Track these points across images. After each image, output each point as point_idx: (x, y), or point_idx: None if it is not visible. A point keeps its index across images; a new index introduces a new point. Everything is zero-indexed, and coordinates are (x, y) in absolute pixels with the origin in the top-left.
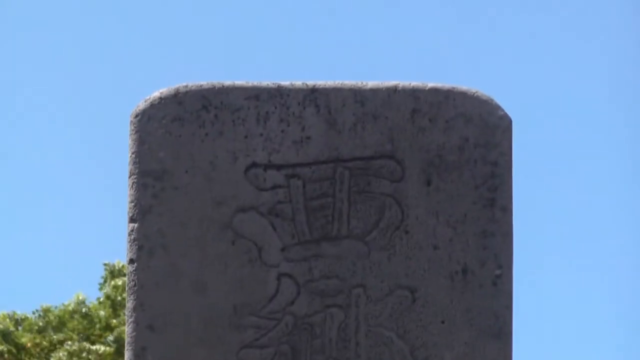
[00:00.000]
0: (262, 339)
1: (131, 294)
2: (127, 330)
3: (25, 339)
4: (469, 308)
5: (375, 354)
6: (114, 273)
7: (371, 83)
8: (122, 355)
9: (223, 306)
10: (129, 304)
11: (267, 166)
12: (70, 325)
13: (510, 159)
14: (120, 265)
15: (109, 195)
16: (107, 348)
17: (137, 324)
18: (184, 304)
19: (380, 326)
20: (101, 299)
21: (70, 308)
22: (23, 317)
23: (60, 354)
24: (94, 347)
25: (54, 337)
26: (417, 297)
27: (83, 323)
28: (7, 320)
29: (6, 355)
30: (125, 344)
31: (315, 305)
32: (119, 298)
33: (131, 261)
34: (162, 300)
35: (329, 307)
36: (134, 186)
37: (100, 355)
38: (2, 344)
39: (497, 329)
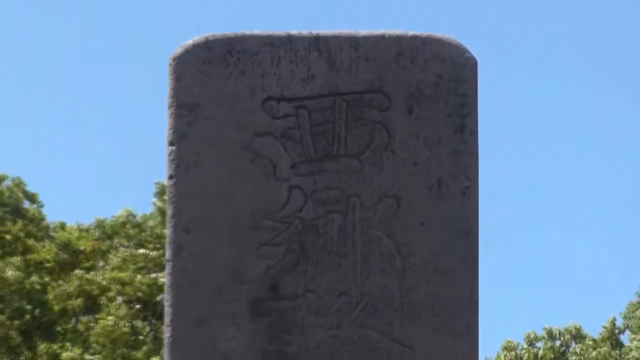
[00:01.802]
0: (276, 238)
1: (170, 204)
2: (167, 233)
3: (84, 245)
4: (443, 213)
5: (367, 250)
6: (163, 190)
7: (363, 32)
8: None
9: (245, 212)
10: (169, 212)
11: (280, 99)
12: (121, 233)
13: (476, 92)
14: None
15: (157, 124)
16: (155, 252)
17: (175, 227)
18: (212, 211)
19: (372, 228)
20: (151, 212)
21: (120, 220)
22: (83, 227)
23: (115, 258)
24: (142, 252)
25: (108, 243)
26: (402, 204)
27: (134, 231)
28: (71, 230)
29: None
30: (166, 245)
31: (319, 211)
32: None
33: (170, 177)
34: (195, 208)
35: (331, 213)
36: (172, 116)
37: (148, 258)
38: (62, 252)
39: (467, 230)
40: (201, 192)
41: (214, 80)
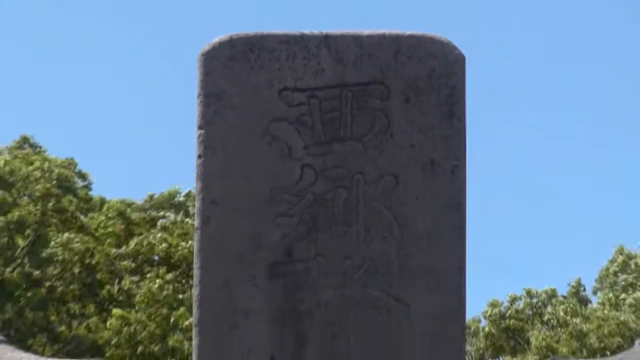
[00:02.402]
0: (291, 210)
1: (199, 180)
2: (196, 205)
3: (135, 216)
4: (435, 189)
5: (369, 220)
6: None
7: (366, 31)
8: None
9: (263, 188)
10: (197, 187)
11: (294, 89)
12: (168, 205)
13: (464, 84)
14: None
15: (186, 110)
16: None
17: (203, 200)
18: (236, 187)
19: (374, 201)
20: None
21: (167, 194)
22: (133, 201)
23: (159, 225)
24: (187, 220)
25: (155, 213)
26: (399, 181)
27: (180, 203)
28: (123, 204)
29: (122, 227)
30: (195, 215)
31: (328, 187)
32: None
33: (199, 157)
34: (221, 183)
35: (338, 188)
36: (201, 104)
37: (187, 225)
38: (118, 221)
39: (456, 203)
40: (225, 170)
41: (237, 74)
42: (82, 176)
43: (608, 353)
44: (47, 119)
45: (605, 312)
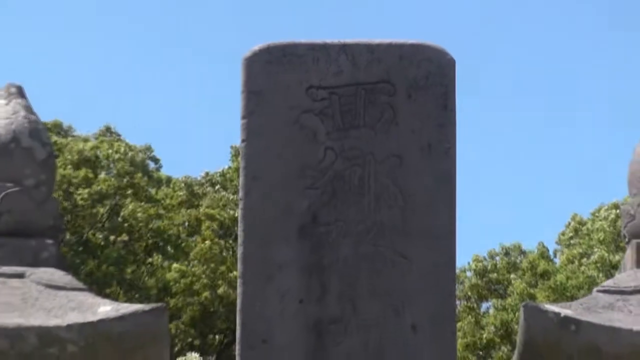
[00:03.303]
0: (316, 183)
1: (243, 159)
2: (240, 179)
3: (195, 190)
4: (431, 166)
5: (379, 192)
6: (237, 153)
7: (377, 40)
8: None
9: (294, 166)
10: (241, 165)
11: (318, 87)
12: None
13: (455, 82)
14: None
15: (234, 103)
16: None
17: (245, 176)
18: (272, 165)
19: (382, 177)
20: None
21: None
22: (192, 178)
23: (209, 197)
24: (222, 193)
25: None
26: (403, 160)
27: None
28: (185, 180)
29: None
30: (239, 188)
31: (346, 165)
32: None
33: (243, 141)
34: (260, 162)
35: (353, 166)
36: (244, 98)
37: (229, 200)
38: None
39: (448, 178)
40: (264, 152)
41: (272, 74)
42: (153, 159)
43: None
44: (126, 110)
45: (572, 266)
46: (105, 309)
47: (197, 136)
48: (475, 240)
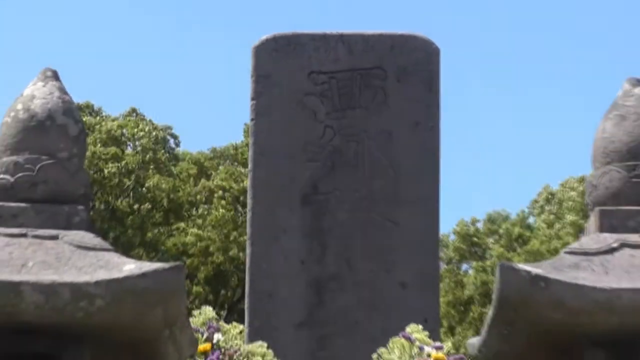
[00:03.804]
0: (316, 157)
1: (252, 136)
2: (249, 153)
3: (208, 164)
4: (418, 142)
5: (371, 164)
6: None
7: (370, 31)
8: None
9: (298, 141)
10: (250, 141)
11: (319, 72)
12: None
13: (439, 68)
14: None
15: (244, 86)
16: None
17: (254, 151)
18: (278, 140)
19: (374, 151)
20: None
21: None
22: (205, 153)
23: (220, 170)
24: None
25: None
26: (393, 137)
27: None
28: (200, 155)
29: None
30: (249, 160)
31: (343, 141)
32: None
33: (252, 119)
34: (268, 138)
35: (349, 142)
36: (253, 82)
37: (241, 173)
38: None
39: (432, 152)
40: (271, 129)
41: (278, 61)
42: (173, 136)
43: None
44: (150, 93)
45: (547, 231)
46: (130, 267)
47: (212, 115)
48: (462, 208)
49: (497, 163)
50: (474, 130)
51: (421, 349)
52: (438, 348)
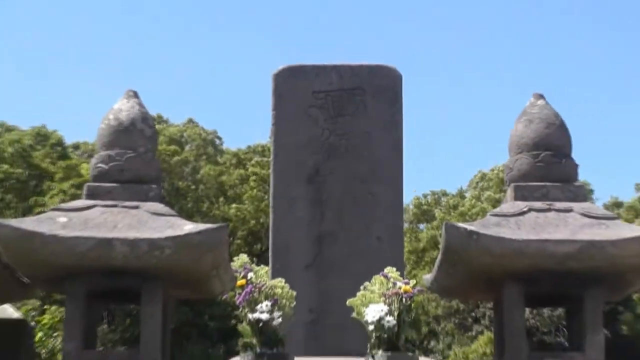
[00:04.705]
0: (318, 150)
1: (272, 136)
2: (272, 147)
3: (242, 157)
4: (388, 138)
5: (356, 154)
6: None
7: (354, 63)
8: None
9: (305, 138)
10: (271, 140)
11: (319, 92)
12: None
13: (401, 89)
14: None
15: (267, 101)
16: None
17: (275, 146)
18: (292, 138)
19: (358, 146)
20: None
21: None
22: (241, 149)
23: (253, 161)
24: (267, 160)
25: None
26: (370, 135)
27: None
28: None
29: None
30: (271, 152)
31: (337, 139)
32: None
33: (273, 124)
34: (284, 137)
35: (341, 140)
36: (273, 100)
37: (268, 163)
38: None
39: (399, 145)
40: (286, 131)
41: (290, 84)
42: (218, 137)
43: None
44: (203, 104)
45: (474, 202)
46: (189, 227)
47: (246, 121)
48: (420, 185)
49: (445, 152)
50: (428, 129)
51: (394, 284)
52: (406, 283)
